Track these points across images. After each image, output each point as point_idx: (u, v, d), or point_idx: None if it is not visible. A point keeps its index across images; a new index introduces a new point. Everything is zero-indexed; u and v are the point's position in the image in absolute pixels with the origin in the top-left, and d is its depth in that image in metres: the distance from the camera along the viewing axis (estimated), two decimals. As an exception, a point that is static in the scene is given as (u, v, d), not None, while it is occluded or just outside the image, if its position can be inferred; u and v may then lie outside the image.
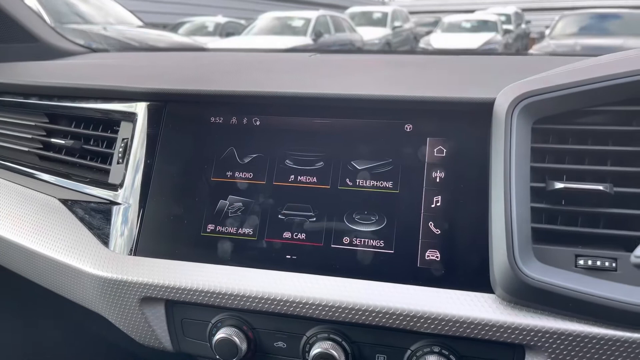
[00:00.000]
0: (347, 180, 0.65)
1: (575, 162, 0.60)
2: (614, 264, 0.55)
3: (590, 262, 0.55)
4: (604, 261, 0.55)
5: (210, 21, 10.55)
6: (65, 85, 0.82)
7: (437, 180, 0.63)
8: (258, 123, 0.70)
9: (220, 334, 0.64)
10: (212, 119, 0.71)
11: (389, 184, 0.64)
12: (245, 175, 0.68)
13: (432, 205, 0.62)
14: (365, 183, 0.65)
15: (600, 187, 0.56)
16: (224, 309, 0.65)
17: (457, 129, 0.64)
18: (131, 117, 0.75)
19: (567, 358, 0.55)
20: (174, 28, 9.55)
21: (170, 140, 0.72)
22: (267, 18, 9.67)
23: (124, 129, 0.76)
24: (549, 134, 0.61)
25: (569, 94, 0.58)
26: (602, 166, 0.59)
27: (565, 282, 0.53)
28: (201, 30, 10.12)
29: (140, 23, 6.38)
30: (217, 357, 0.65)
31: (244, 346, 0.64)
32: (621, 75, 0.57)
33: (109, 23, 5.83)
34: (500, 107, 0.60)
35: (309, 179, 0.66)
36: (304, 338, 0.63)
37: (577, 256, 0.56)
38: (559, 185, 0.58)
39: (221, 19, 10.66)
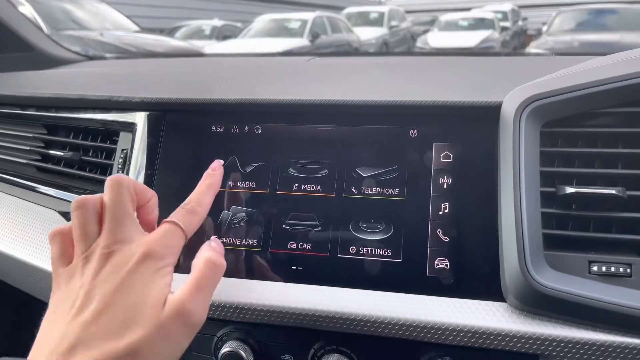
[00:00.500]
0: (352, 188, 0.64)
1: (586, 165, 0.58)
2: (628, 270, 0.54)
3: (604, 269, 0.54)
4: (618, 267, 0.54)
5: (207, 24, 10.55)
6: (63, 95, 0.81)
7: (445, 186, 0.61)
8: (260, 131, 0.68)
9: (226, 348, 0.63)
10: (213, 128, 0.70)
11: (395, 191, 0.63)
12: (247, 184, 0.67)
13: (440, 212, 0.61)
14: (371, 191, 0.63)
15: (612, 191, 0.55)
16: (230, 322, 0.64)
17: (463, 133, 0.62)
18: (130, 127, 0.74)
19: (583, 367, 0.54)
20: (171, 32, 9.55)
21: (170, 150, 0.71)
22: (263, 20, 9.66)
23: (124, 139, 0.75)
24: (558, 137, 0.59)
25: (578, 96, 0.57)
26: (613, 169, 0.57)
27: (579, 289, 0.52)
28: (198, 34, 10.12)
29: (136, 28, 6.38)
30: (223, 371, 0.63)
31: (250, 360, 0.62)
32: (631, 75, 0.56)
33: (106, 29, 5.83)
34: (508, 110, 0.59)
35: (313, 188, 0.65)
36: (312, 350, 0.62)
37: (590, 262, 0.55)
38: (569, 189, 0.56)
39: (217, 22, 10.66)
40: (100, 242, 0.46)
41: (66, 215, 0.76)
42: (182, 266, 0.64)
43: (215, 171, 0.58)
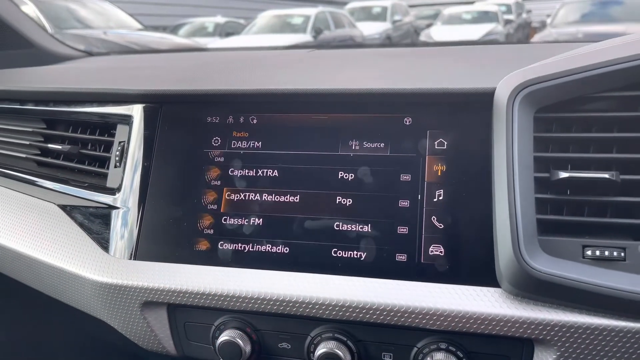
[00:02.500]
0: (347, 175, 0.64)
1: (580, 150, 0.58)
2: (622, 254, 0.53)
3: (598, 253, 0.54)
4: (612, 251, 0.54)
5: (210, 22, 10.54)
6: (59, 89, 0.81)
7: (439, 173, 0.61)
8: (255, 121, 0.69)
9: (223, 337, 0.63)
10: (209, 119, 0.70)
11: (390, 179, 0.63)
12: (243, 174, 0.67)
13: (434, 200, 0.61)
14: (366, 178, 0.63)
15: (606, 175, 0.55)
16: (227, 311, 0.64)
17: (457, 120, 0.62)
18: (127, 119, 0.74)
19: (578, 351, 0.54)
20: (174, 30, 9.56)
21: (167, 142, 0.71)
22: (266, 17, 9.65)
23: (121, 132, 0.75)
24: (552, 122, 0.59)
25: (571, 80, 0.57)
26: (607, 154, 0.57)
27: (573, 273, 0.52)
28: (201, 31, 10.12)
29: (140, 26, 6.38)
30: (221, 360, 0.64)
31: (247, 348, 0.63)
32: (624, 59, 0.56)
33: (109, 27, 5.83)
34: (501, 96, 0.59)
35: (307, 176, 0.65)
36: (309, 338, 0.62)
37: (584, 247, 0.55)
38: (563, 174, 0.56)
39: (220, 19, 10.65)
40: None
41: (65, 209, 0.77)
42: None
43: None
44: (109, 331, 0.73)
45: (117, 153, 0.74)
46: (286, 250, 0.63)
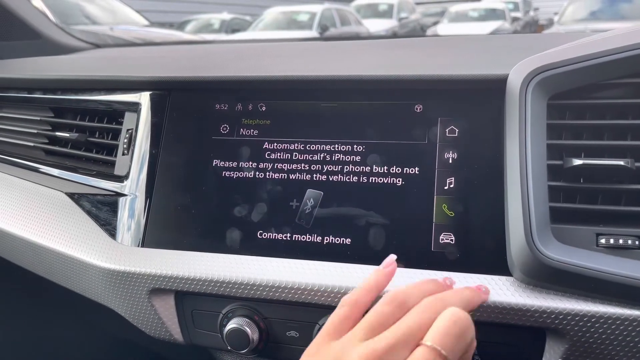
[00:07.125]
0: (357, 164, 0.63)
1: (594, 137, 0.57)
2: (637, 242, 0.53)
3: (612, 241, 0.53)
4: (626, 239, 0.53)
5: (216, 18, 10.54)
6: (67, 77, 0.81)
7: (450, 161, 0.61)
8: (264, 109, 0.68)
9: (231, 325, 0.63)
10: (217, 106, 0.70)
11: (400, 167, 0.62)
12: (252, 162, 0.67)
13: (445, 187, 0.60)
14: (376, 166, 0.63)
15: (621, 163, 0.54)
16: (235, 299, 0.64)
17: (469, 108, 0.62)
18: (135, 107, 0.74)
19: (590, 340, 0.53)
20: (180, 26, 9.56)
21: (175, 130, 0.71)
22: (272, 13, 9.65)
23: (128, 119, 0.75)
24: (566, 109, 0.58)
25: (585, 66, 0.56)
26: (622, 141, 0.56)
27: (586, 261, 0.51)
28: (207, 28, 10.12)
29: (146, 22, 6.38)
30: (229, 348, 0.63)
31: (255, 336, 0.62)
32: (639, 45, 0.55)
33: (116, 23, 5.83)
34: (514, 83, 0.58)
35: (317, 165, 0.64)
36: (317, 326, 0.62)
37: (598, 235, 0.54)
38: (577, 162, 0.55)
39: (226, 16, 10.65)
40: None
41: (72, 196, 0.76)
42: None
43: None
44: (118, 322, 0.73)
45: (125, 141, 0.74)
46: (295, 238, 0.63)
